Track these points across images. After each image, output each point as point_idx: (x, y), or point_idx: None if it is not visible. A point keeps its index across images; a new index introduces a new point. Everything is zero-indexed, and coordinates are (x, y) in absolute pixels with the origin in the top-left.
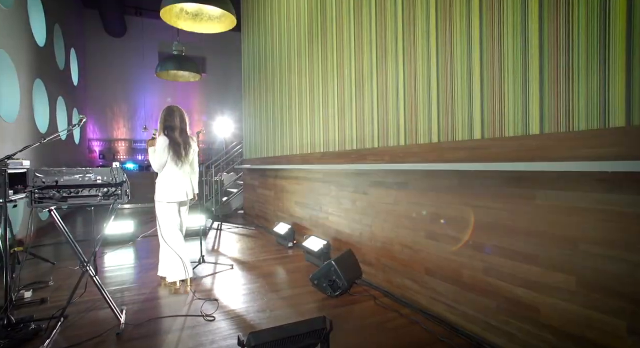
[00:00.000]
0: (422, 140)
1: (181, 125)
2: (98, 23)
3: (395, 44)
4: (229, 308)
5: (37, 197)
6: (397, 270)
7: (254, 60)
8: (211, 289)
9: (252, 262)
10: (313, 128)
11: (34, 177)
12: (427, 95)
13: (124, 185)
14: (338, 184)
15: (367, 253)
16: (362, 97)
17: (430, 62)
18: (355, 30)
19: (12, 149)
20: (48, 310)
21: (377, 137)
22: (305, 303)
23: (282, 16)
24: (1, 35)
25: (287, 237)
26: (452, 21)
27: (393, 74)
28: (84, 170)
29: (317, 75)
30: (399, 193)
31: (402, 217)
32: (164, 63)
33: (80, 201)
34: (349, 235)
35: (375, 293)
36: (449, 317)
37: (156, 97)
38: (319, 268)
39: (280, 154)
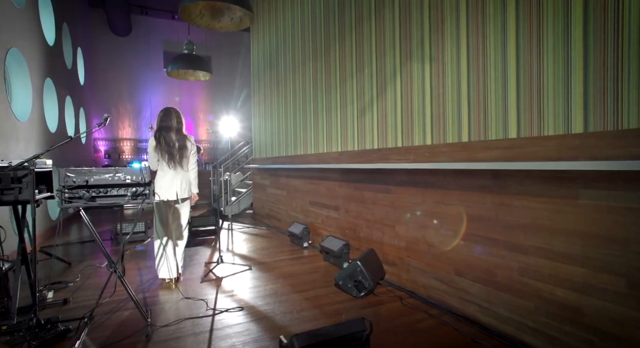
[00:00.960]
0: (451, 139)
1: (177, 125)
2: (103, 22)
3: (422, 46)
4: (255, 310)
5: (67, 197)
6: (423, 270)
7: (264, 59)
8: (233, 290)
9: (270, 262)
10: (330, 128)
11: (65, 177)
12: (456, 96)
13: (152, 185)
14: (357, 183)
15: (389, 253)
16: (384, 97)
17: (460, 62)
18: (377, 33)
19: (25, 148)
20: (72, 311)
21: (401, 136)
22: (330, 304)
23: (295, 16)
24: (14, 33)
25: (303, 237)
26: (485, 21)
27: (418, 75)
28: (114, 170)
29: (335, 76)
30: (426, 193)
31: (428, 217)
32: (175, 62)
33: (109, 201)
34: (369, 234)
35: (400, 293)
36: (481, 318)
37: (162, 96)
38: (344, 268)
39: (293, 154)
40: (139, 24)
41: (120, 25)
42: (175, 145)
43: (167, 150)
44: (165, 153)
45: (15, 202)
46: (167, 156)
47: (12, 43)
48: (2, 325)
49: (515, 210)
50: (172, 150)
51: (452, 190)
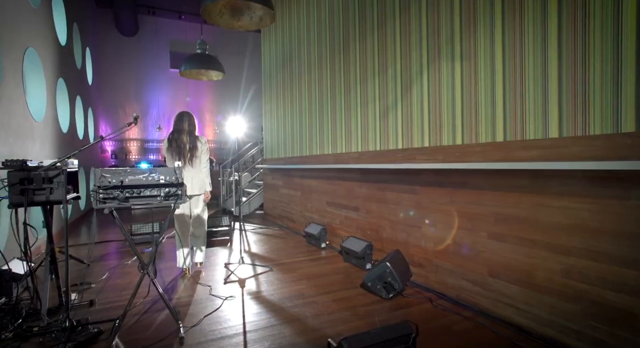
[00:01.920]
0: (484, 139)
1: (189, 128)
2: (110, 22)
3: (451, 45)
4: (285, 312)
5: (101, 198)
6: (453, 272)
7: (276, 59)
8: (259, 291)
9: (289, 263)
10: (349, 128)
11: (100, 177)
12: (490, 95)
13: (184, 186)
14: (380, 184)
15: (415, 254)
16: (409, 97)
17: (495, 60)
18: (402, 32)
19: (40, 148)
20: (99, 313)
21: (428, 136)
22: (360, 305)
23: (311, 16)
24: (31, 34)
25: (320, 238)
26: (523, 16)
27: (447, 73)
28: (148, 170)
29: (354, 75)
30: (456, 193)
31: (459, 217)
32: (188, 62)
33: (142, 202)
34: (393, 235)
35: (429, 295)
36: (519, 321)
37: (168, 96)
38: (372, 270)
39: (308, 154)
40: (146, 24)
41: (127, 25)
42: (187, 146)
43: (179, 150)
44: (176, 153)
45: (46, 202)
46: (179, 156)
47: (29, 43)
48: (32, 327)
49: (556, 210)
50: (184, 150)
51: (485, 190)
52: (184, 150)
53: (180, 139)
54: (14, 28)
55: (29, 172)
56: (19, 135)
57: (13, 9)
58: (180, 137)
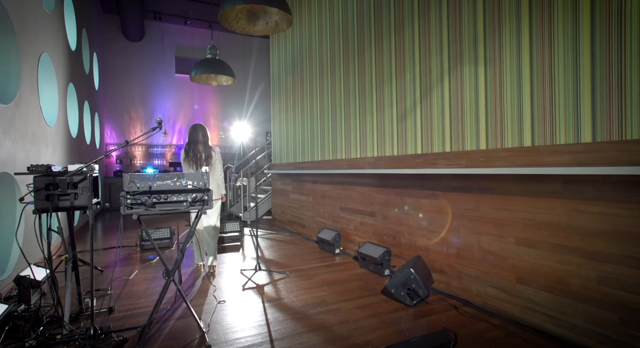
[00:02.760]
0: (510, 144)
1: (203, 139)
2: (117, 27)
3: (474, 48)
4: (310, 319)
5: (129, 203)
6: (478, 278)
7: (286, 63)
8: (279, 298)
9: (305, 269)
10: (364, 133)
11: (129, 182)
12: (516, 99)
13: (211, 192)
14: (397, 189)
15: (436, 260)
16: (428, 101)
17: (522, 64)
18: (421, 36)
19: (52, 153)
20: (119, 320)
21: (450, 141)
22: (385, 313)
23: (323, 20)
24: (45, 38)
25: (334, 244)
26: (551, 18)
27: (470, 77)
28: (176, 175)
29: (369, 80)
30: (481, 198)
31: (484, 223)
32: (199, 66)
33: (169, 207)
34: (412, 241)
35: (453, 302)
36: (551, 329)
37: (174, 101)
38: (396, 276)
39: (320, 159)
40: (152, 29)
41: (133, 31)
42: (202, 155)
43: (195, 159)
44: (193, 162)
45: (71, 207)
46: (195, 164)
47: (43, 48)
48: (55, 334)
49: (591, 216)
50: (199, 159)
51: (514, 195)
52: (200, 159)
53: (196, 149)
54: (31, 33)
55: (54, 177)
56: (34, 140)
57: (30, 15)
58: (196, 147)
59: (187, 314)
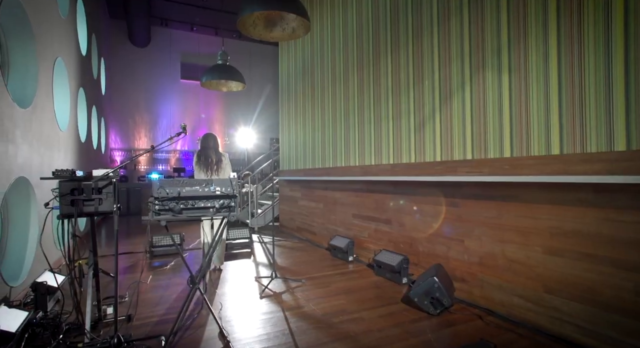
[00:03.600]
0: (537, 152)
1: (214, 145)
2: (123, 33)
3: (498, 57)
4: (333, 328)
5: (157, 209)
6: (502, 287)
7: (296, 70)
8: (299, 307)
9: (319, 277)
10: (379, 139)
11: (159, 188)
12: (543, 107)
13: (238, 198)
14: (414, 197)
15: (457, 268)
16: (448, 108)
17: (549, 71)
18: (440, 43)
19: (64, 157)
20: (139, 328)
21: (471, 148)
22: (409, 322)
23: (336, 27)
24: (59, 43)
25: (348, 251)
26: (581, 26)
27: (493, 85)
28: (204, 181)
29: (385, 87)
30: (505, 206)
31: (508, 231)
32: (210, 72)
33: (196, 213)
34: (430, 249)
35: (475, 311)
36: (582, 339)
37: (178, 107)
38: (419, 285)
39: (332, 166)
40: (158, 35)
41: (140, 36)
42: (213, 160)
43: (206, 164)
44: (204, 166)
45: (95, 213)
46: (206, 168)
47: (58, 53)
48: (76, 343)
49: (625, 225)
50: (211, 164)
51: (540, 204)
52: (211, 163)
53: (207, 155)
54: (47, 38)
55: (79, 182)
56: (48, 144)
57: (47, 20)
58: (208, 153)
59: (207, 322)
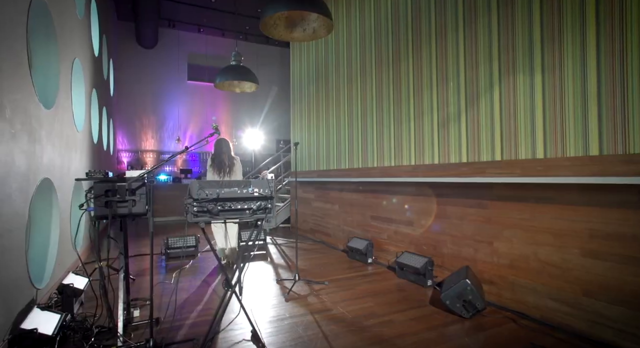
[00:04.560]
0: (574, 153)
1: (227, 150)
2: (130, 34)
3: (530, 56)
4: (367, 331)
5: (195, 211)
6: (535, 290)
7: (310, 71)
8: (328, 309)
9: (342, 279)
10: (399, 141)
11: (198, 189)
12: (580, 108)
13: (274, 199)
14: (438, 198)
15: (485, 271)
16: (474, 110)
17: (587, 70)
18: (466, 44)
19: (80, 158)
20: (170, 332)
21: (500, 150)
22: (441, 325)
23: (352, 28)
24: (77, 43)
25: (367, 253)
26: (623, 23)
27: (525, 85)
28: (243, 182)
29: (406, 88)
30: (538, 208)
31: (541, 233)
32: (224, 73)
33: (233, 215)
34: (456, 251)
35: (507, 314)
36: (626, 345)
37: (185, 108)
38: (451, 287)
39: (348, 167)
40: (165, 36)
41: (148, 38)
42: (226, 163)
43: (220, 166)
44: (218, 168)
45: (129, 215)
46: (219, 171)
47: (76, 54)
48: (109, 346)
49: None
50: (224, 166)
51: (578, 205)
52: (224, 166)
53: (221, 158)
54: (67, 38)
55: (114, 183)
56: (68, 145)
57: (67, 20)
58: (221, 157)
59: (238, 325)
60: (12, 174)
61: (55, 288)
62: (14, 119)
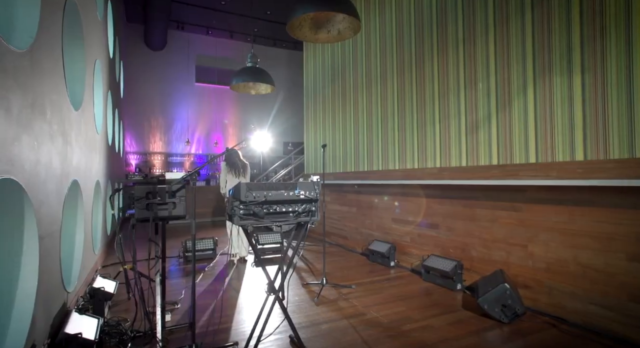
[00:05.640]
0: (618, 155)
1: (237, 156)
2: (139, 36)
3: (568, 58)
4: (408, 337)
5: (242, 214)
6: (575, 295)
7: (324, 73)
8: (362, 314)
9: (368, 282)
10: (423, 143)
11: (247, 192)
12: (625, 109)
13: (318, 202)
14: (466, 201)
15: (519, 275)
16: (507, 112)
17: (634, 70)
18: (498, 47)
19: (99, 160)
20: (205, 337)
21: (535, 152)
22: (481, 330)
23: (371, 31)
24: (98, 45)
25: (389, 256)
26: None
27: (562, 86)
28: (289, 185)
29: (430, 91)
30: (577, 211)
31: (582, 236)
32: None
33: (277, 218)
34: (486, 254)
35: (546, 319)
36: None
37: (193, 110)
38: (489, 291)
39: (367, 169)
40: (174, 38)
41: (156, 40)
42: (239, 165)
43: (235, 169)
44: (234, 171)
45: (170, 217)
46: (235, 171)
47: (97, 54)
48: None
49: None
50: (239, 169)
51: (623, 208)
52: (238, 168)
53: (234, 161)
54: (91, 40)
55: (154, 186)
56: (90, 147)
57: (91, 21)
58: (235, 161)
59: (277, 330)
60: (50, 176)
61: (81, 292)
62: (52, 120)
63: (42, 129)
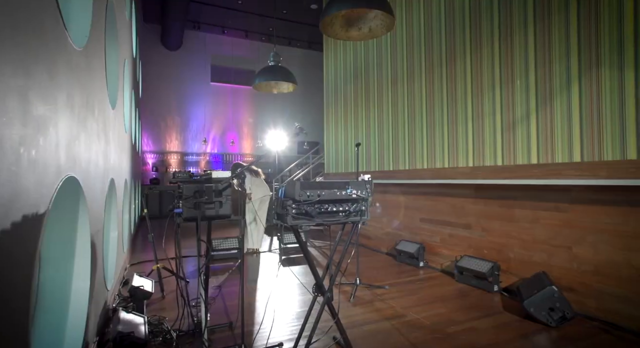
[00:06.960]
0: None
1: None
2: (156, 36)
3: (618, 52)
4: (454, 340)
5: (295, 213)
6: (628, 299)
7: (346, 71)
8: (402, 315)
9: (400, 283)
10: (454, 142)
11: (300, 190)
12: None
13: (369, 200)
14: (503, 201)
15: (563, 277)
16: (548, 109)
17: None
18: (538, 42)
19: (126, 159)
20: (247, 337)
21: (580, 150)
22: (529, 334)
23: (397, 29)
24: (126, 45)
25: (418, 256)
26: None
27: (612, 82)
28: (343, 183)
29: (462, 88)
30: (634, 212)
31: (636, 238)
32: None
33: (328, 218)
34: (526, 255)
35: (596, 323)
36: None
37: (209, 109)
38: (535, 294)
39: (393, 168)
40: (190, 38)
41: (173, 40)
42: (255, 169)
43: (250, 171)
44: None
45: (216, 216)
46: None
47: (125, 54)
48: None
49: None
50: (254, 171)
51: None
52: (254, 170)
53: (250, 168)
54: (122, 40)
55: (202, 184)
56: (121, 147)
57: (123, 23)
58: (250, 167)
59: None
60: (96, 175)
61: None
62: (98, 119)
63: (92, 128)
